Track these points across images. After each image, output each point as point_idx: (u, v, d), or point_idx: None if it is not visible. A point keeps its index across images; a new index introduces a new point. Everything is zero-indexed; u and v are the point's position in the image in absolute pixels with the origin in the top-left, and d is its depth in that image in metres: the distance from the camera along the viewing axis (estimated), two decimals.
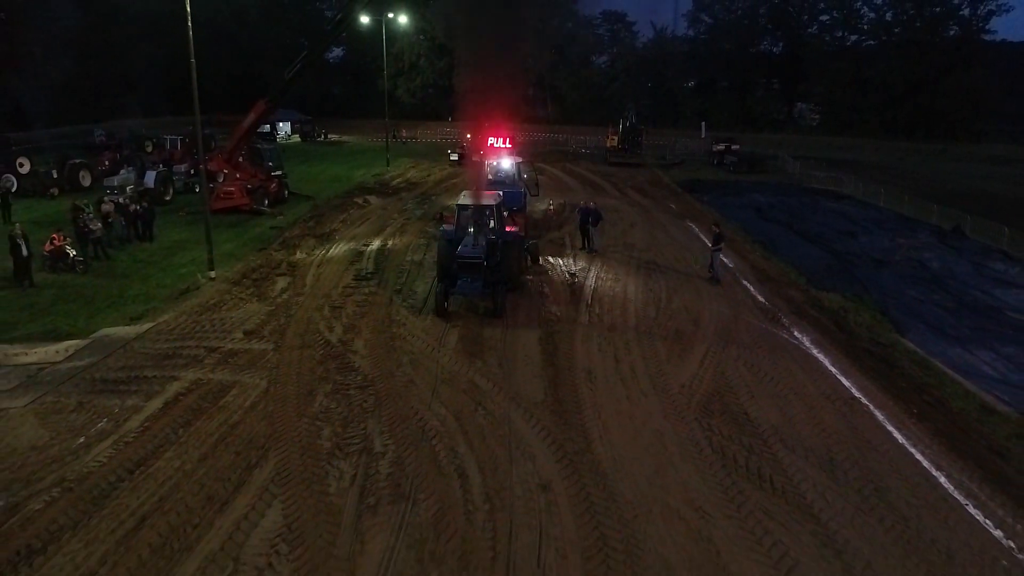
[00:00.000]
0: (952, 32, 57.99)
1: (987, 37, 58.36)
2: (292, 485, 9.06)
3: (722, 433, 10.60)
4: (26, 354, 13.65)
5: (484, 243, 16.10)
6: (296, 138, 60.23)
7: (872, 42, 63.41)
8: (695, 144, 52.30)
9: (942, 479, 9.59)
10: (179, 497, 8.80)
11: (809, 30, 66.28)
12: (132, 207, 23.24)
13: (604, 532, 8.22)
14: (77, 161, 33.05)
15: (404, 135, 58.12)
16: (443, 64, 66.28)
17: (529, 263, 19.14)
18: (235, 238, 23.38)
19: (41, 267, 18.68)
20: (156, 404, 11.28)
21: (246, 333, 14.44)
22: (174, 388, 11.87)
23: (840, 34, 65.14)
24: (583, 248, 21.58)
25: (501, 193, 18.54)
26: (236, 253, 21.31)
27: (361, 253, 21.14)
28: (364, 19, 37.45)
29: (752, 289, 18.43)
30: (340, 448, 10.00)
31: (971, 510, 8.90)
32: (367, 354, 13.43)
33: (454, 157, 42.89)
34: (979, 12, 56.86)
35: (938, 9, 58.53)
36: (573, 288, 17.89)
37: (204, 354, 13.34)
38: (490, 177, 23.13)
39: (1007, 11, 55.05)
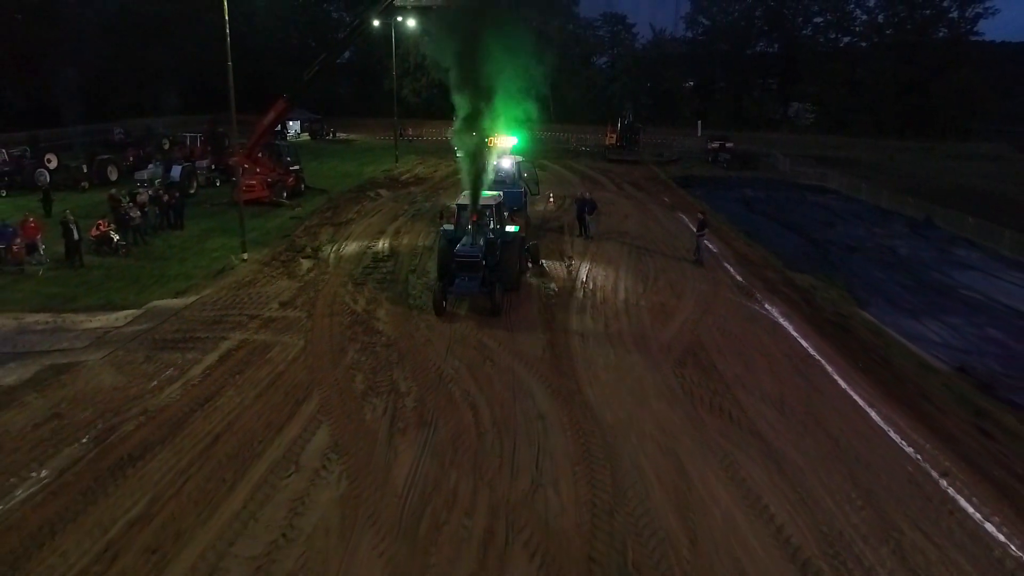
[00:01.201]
0: (941, 34, 59.78)
1: (975, 39, 60.15)
2: (334, 415, 11.02)
3: (692, 380, 12.55)
4: (90, 320, 15.63)
5: (483, 242, 16.26)
6: (305, 136, 62.13)
7: (864, 44, 65.29)
8: (691, 142, 54.14)
9: (872, 414, 11.53)
10: (243, 423, 10.76)
11: (804, 32, 68.10)
12: (164, 197, 25.23)
13: (589, 447, 10.16)
14: (105, 157, 35.12)
15: (410, 133, 60.03)
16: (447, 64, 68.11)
17: (530, 265, 19.16)
18: (259, 227, 25.27)
19: (87, 250, 20.66)
20: (212, 358, 13.25)
21: (281, 304, 16.41)
22: (225, 346, 13.85)
23: (833, 36, 67.02)
24: (580, 235, 23.50)
25: (502, 193, 18.82)
26: (262, 240, 23.22)
27: (377, 239, 23.10)
28: (375, 23, 39.38)
29: (732, 270, 20.36)
30: (372, 389, 11.96)
31: (892, 435, 10.83)
32: (388, 320, 15.39)
33: (460, 154, 44.71)
34: (967, 15, 58.72)
35: (928, 12, 60.37)
36: (570, 269, 19.81)
37: (247, 320, 15.32)
38: (491, 177, 23.71)
39: (993, 14, 56.98)
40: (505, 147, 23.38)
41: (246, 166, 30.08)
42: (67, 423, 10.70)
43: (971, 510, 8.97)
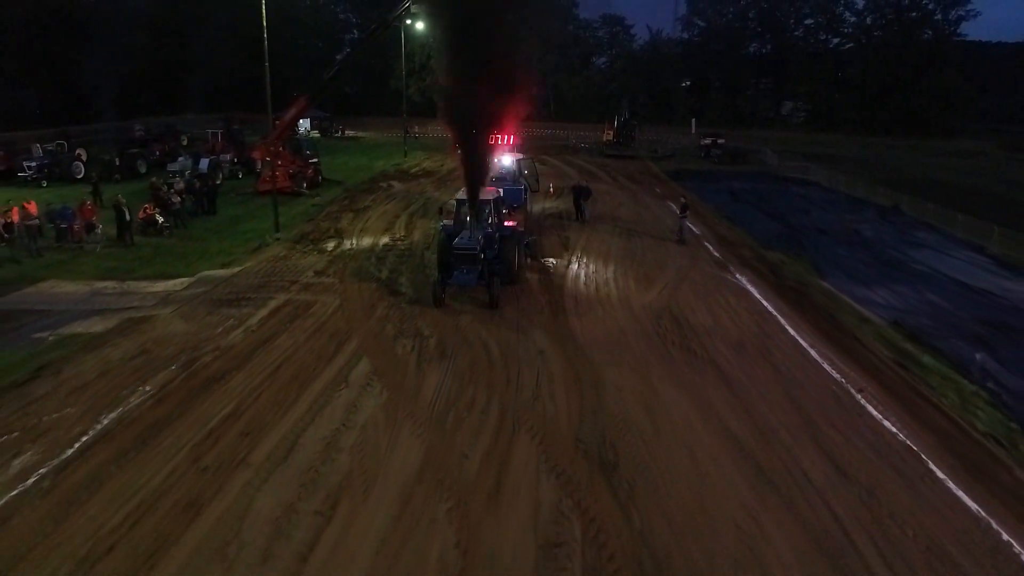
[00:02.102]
0: (926, 36, 62.19)
1: (958, 39, 62.50)
2: (372, 351, 13.53)
3: (666, 328, 15.04)
4: (151, 286, 18.15)
5: (481, 236, 16.75)
6: (315, 134, 64.63)
7: (852, 45, 67.74)
8: (686, 139, 56.61)
9: (812, 352, 14.02)
10: (298, 357, 13.27)
11: (795, 33, 70.61)
12: (198, 185, 27.75)
13: (579, 373, 12.66)
14: (134, 151, 37.72)
15: (416, 130, 62.52)
16: None
17: (528, 260, 19.70)
18: (284, 213, 27.56)
19: (136, 231, 23.16)
20: (264, 312, 15.76)
21: (315, 273, 18.94)
22: (273, 303, 16.35)
23: (823, 37, 69.51)
24: (577, 219, 25.98)
25: (501, 190, 19.37)
26: (288, 224, 25.65)
27: (393, 223, 25.62)
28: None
29: (711, 249, 22.85)
30: (400, 334, 14.46)
31: (824, 366, 13.33)
32: (410, 285, 17.89)
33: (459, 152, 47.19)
34: (950, 17, 61.17)
35: (914, 14, 62.79)
36: (567, 247, 22.29)
37: (287, 285, 17.84)
38: (492, 174, 23.08)
39: (974, 16, 59.44)
40: (506, 145, 24.13)
41: (268, 159, 32.68)
42: (155, 356, 13.22)
43: (876, 414, 11.46)
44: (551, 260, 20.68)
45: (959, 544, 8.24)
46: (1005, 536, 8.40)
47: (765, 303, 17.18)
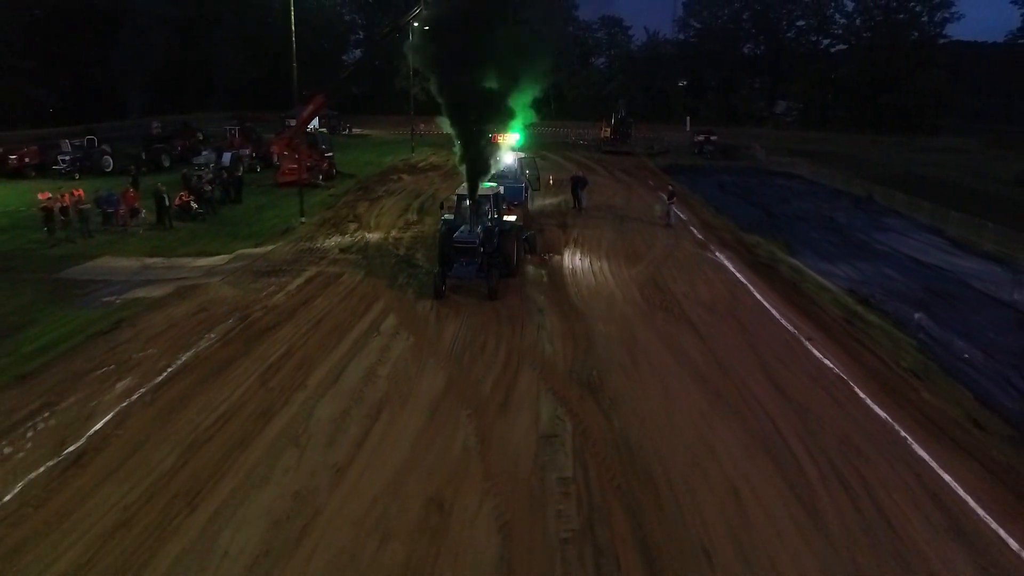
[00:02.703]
0: (913, 37, 64.47)
1: (944, 40, 64.86)
2: (397, 310, 15.86)
3: (650, 294, 17.38)
4: (195, 262, 20.48)
5: (480, 229, 17.16)
6: (323, 131, 66.94)
7: (843, 46, 70.11)
8: (681, 136, 58.86)
9: (774, 312, 16.35)
10: (335, 313, 15.60)
11: (787, 34, 72.87)
12: (224, 175, 30.10)
13: (573, 326, 15.00)
14: (159, 146, 40.05)
15: (422, 128, 64.82)
16: None
17: (527, 254, 20.15)
18: (305, 202, 30.06)
19: (172, 216, 25.49)
20: (300, 280, 18.12)
21: (341, 251, 21.29)
22: (307, 274, 18.70)
23: (815, 38, 71.78)
24: (574, 207, 28.31)
25: (501, 187, 19.84)
26: (309, 211, 27.92)
27: (406, 209, 27.98)
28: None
29: (695, 232, 25.19)
30: (420, 297, 16.81)
31: (782, 322, 15.66)
32: (425, 260, 20.22)
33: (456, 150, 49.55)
34: (936, 19, 63.50)
35: (902, 16, 65.09)
36: (565, 230, 24.62)
37: (317, 260, 20.18)
38: (494, 172, 24.34)
39: (958, 18, 61.84)
40: (508, 144, 23.96)
41: (286, 153, 35.03)
42: (213, 313, 15.57)
43: (818, 355, 13.79)
44: (551, 239, 22.99)
45: (867, 440, 10.58)
46: (903, 433, 10.75)
47: (738, 275, 19.51)
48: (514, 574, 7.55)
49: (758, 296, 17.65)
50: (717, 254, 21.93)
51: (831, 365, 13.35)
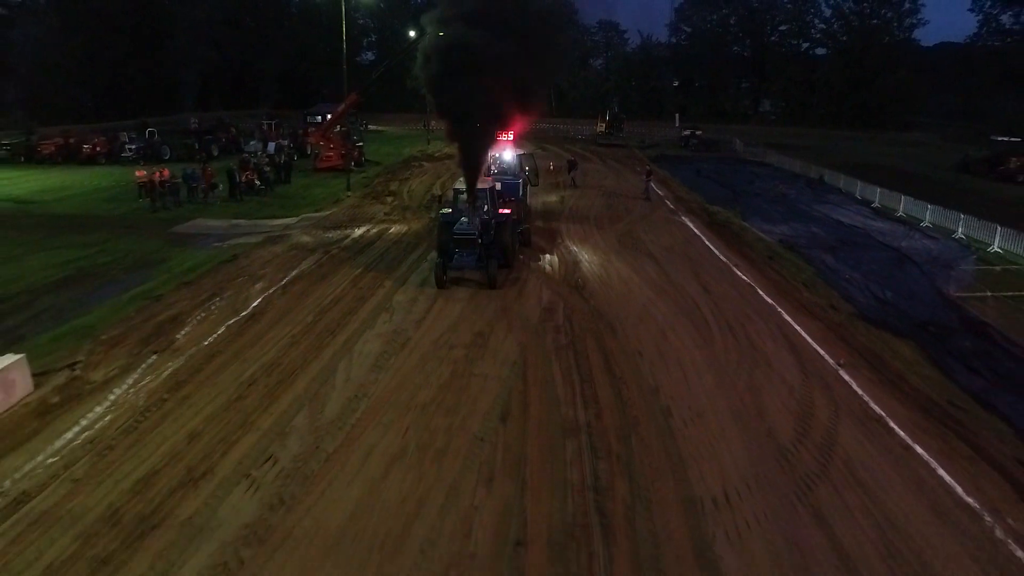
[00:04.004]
0: (884, 41, 70.13)
1: (914, 43, 70.58)
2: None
3: (625, 241, 23.04)
4: (271, 222, 26.13)
5: (479, 222, 17.92)
6: (355, 123, 72.58)
7: (821, 49, 75.90)
8: (671, 132, 64.52)
9: (716, 252, 22.01)
10: (391, 251, 21.27)
11: (771, 38, 78.58)
12: (277, 160, 35.79)
13: (566, 260, 20.65)
14: (209, 137, 45.82)
15: (433, 124, 70.50)
16: None
17: (519, 246, 20.64)
18: (342, 182, 35.81)
19: (242, 191, 31.15)
20: (358, 232, 23.78)
21: (384, 215, 26.97)
22: (362, 229, 24.36)
23: (795, 42, 77.49)
24: (570, 184, 33.98)
25: (498, 183, 20.89)
26: (351, 188, 33.72)
27: (431, 186, 33.68)
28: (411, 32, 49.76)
29: (669, 204, 30.84)
30: None
31: (722, 259, 21.31)
32: None
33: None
34: (904, 24, 69.28)
35: (875, 22, 70.77)
36: (562, 203, 30.27)
37: (367, 220, 25.85)
38: (493, 169, 24.47)
39: (924, 24, 67.76)
40: (506, 140, 25.31)
41: (322, 143, 40.75)
42: (302, 250, 21.25)
43: (740, 274, 19.41)
44: (552, 200, 28.64)
45: (755, 313, 16.21)
46: (779, 310, 16.41)
47: (696, 231, 25.19)
48: (527, 363, 13.17)
49: (707, 243, 23.33)
50: (683, 218, 27.60)
51: (747, 280, 19.01)
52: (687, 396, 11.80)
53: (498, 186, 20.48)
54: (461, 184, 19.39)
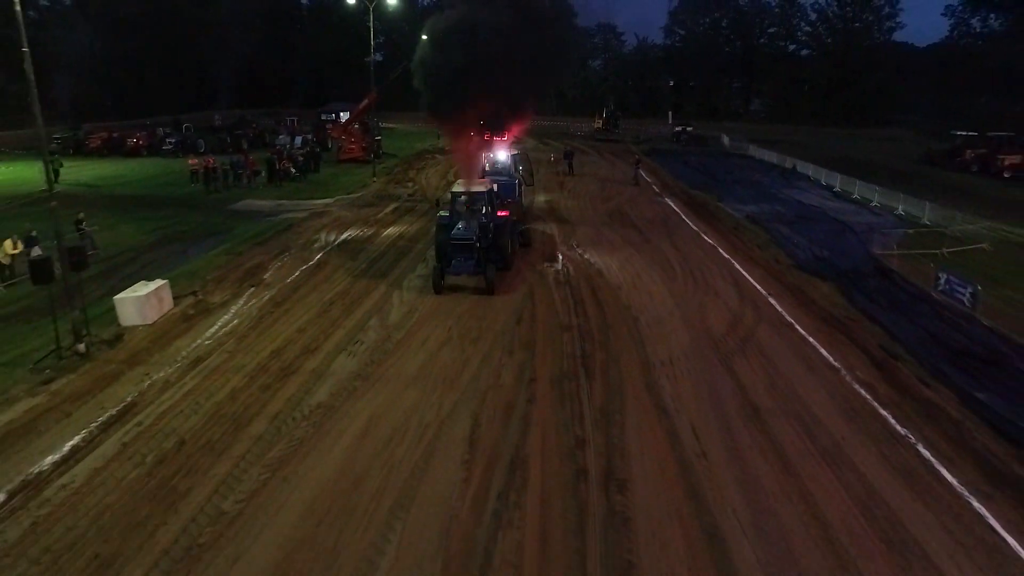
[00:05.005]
0: (866, 43, 74.40)
1: (891, 46, 74.84)
2: None
3: (615, 217, 27.34)
4: (311, 202, 30.42)
5: (476, 226, 17.58)
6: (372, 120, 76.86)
7: (807, 50, 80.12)
8: (664, 129, 68.81)
9: (690, 223, 26.29)
10: (418, 223, 25.57)
11: (760, 40, 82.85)
12: (307, 151, 40.10)
13: (564, 229, 24.94)
14: (239, 132, 50.17)
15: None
16: None
17: (521, 247, 21.03)
18: (366, 171, 40.08)
19: (279, 178, 35.43)
20: (388, 209, 28.10)
21: (408, 196, 31.30)
22: (391, 207, 28.67)
23: (783, 43, 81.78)
24: (568, 172, 38.29)
25: (495, 184, 20.69)
26: (375, 175, 38.01)
27: (445, 174, 37.98)
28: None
29: (655, 188, 35.14)
30: None
31: (694, 228, 25.61)
32: None
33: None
34: (884, 27, 73.58)
35: (857, 24, 75.05)
36: (562, 187, 34.56)
37: (393, 200, 30.17)
38: (487, 168, 24.80)
39: (902, 27, 72.23)
40: (501, 140, 25.71)
41: (343, 137, 45.07)
42: (344, 222, 25.55)
43: (708, 239, 23.69)
44: (551, 191, 32.93)
45: (713, 264, 20.46)
46: (734, 263, 20.68)
47: (676, 208, 29.49)
48: (534, 293, 17.40)
49: (684, 217, 27.63)
50: (666, 199, 31.90)
51: (712, 243, 23.29)
52: (651, 310, 16.08)
53: (494, 187, 20.25)
54: (459, 186, 19.07)
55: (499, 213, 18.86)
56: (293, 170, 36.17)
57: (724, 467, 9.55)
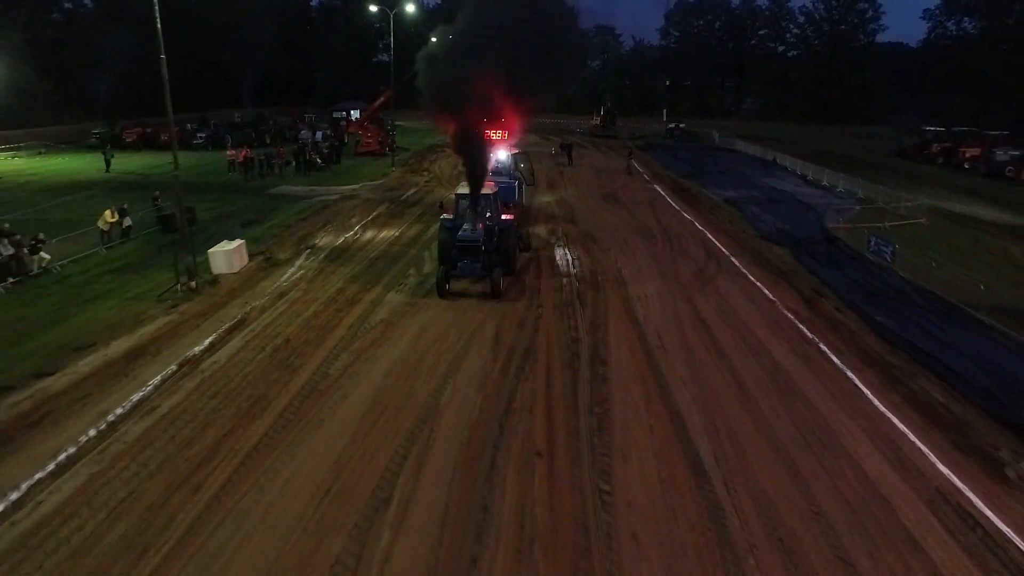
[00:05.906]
0: (851, 45, 78.34)
1: (874, 47, 78.79)
2: None
3: (608, 202, 31.20)
4: (340, 188, 34.30)
5: (482, 228, 17.33)
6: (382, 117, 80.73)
7: (795, 51, 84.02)
8: (659, 126, 72.69)
9: (674, 205, 30.17)
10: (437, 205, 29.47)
11: (751, 41, 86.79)
12: (329, 145, 44.00)
13: (563, 208, 28.83)
14: (263, 127, 54.08)
15: None
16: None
17: (522, 251, 20.54)
18: (383, 164, 43.95)
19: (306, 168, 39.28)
20: (409, 192, 31.98)
21: (425, 182, 35.18)
22: (411, 191, 32.55)
23: (772, 45, 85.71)
24: (567, 164, 42.18)
25: (497, 186, 20.35)
26: (394, 166, 41.87)
27: (456, 164, 41.80)
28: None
29: (646, 177, 39.02)
30: None
31: (677, 209, 29.50)
32: None
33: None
34: (868, 29, 77.53)
35: (843, 27, 78.95)
36: (563, 175, 38.43)
37: (412, 186, 34.06)
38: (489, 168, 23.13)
39: (884, 30, 76.19)
40: (502, 140, 24.88)
41: (360, 132, 48.97)
42: (373, 202, 29.44)
43: (688, 216, 27.55)
44: (553, 180, 36.79)
45: (688, 235, 24.33)
46: (707, 234, 24.55)
47: (663, 193, 33.38)
48: (539, 255, 21.27)
49: (669, 200, 31.53)
50: (655, 186, 35.79)
51: (690, 218, 27.17)
52: (633, 266, 19.96)
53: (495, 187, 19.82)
54: (463, 188, 18.62)
55: (504, 216, 18.69)
56: (319, 161, 40.04)
57: (676, 353, 13.45)
